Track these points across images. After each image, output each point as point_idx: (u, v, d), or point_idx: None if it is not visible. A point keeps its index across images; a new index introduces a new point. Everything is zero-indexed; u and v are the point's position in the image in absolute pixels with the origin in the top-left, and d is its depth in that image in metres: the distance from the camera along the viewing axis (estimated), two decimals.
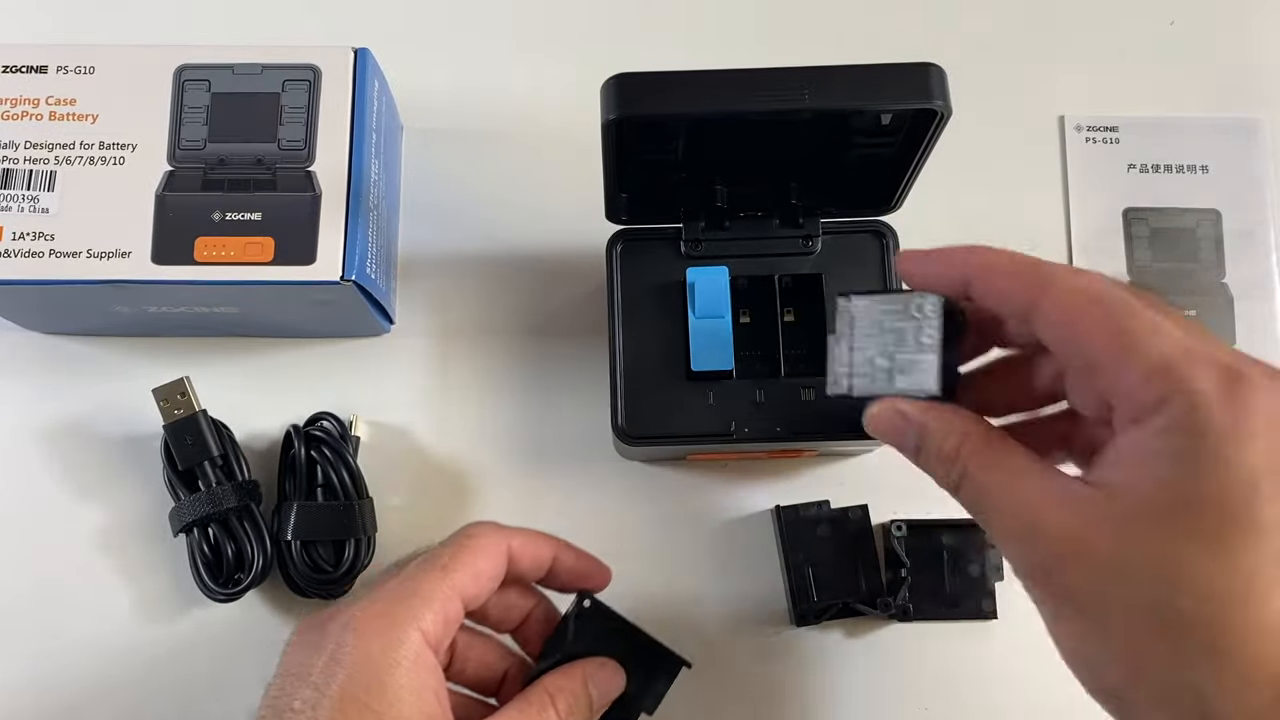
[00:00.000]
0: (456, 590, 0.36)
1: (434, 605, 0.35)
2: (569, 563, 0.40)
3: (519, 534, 0.39)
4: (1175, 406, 0.28)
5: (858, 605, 0.45)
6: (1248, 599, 0.27)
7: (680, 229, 0.44)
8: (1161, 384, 0.29)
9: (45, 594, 0.46)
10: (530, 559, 0.39)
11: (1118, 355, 0.30)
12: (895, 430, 0.35)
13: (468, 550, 0.37)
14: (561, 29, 0.53)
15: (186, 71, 0.43)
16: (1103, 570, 0.29)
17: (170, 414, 0.45)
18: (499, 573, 0.38)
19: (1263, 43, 0.54)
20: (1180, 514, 0.28)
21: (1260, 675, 0.28)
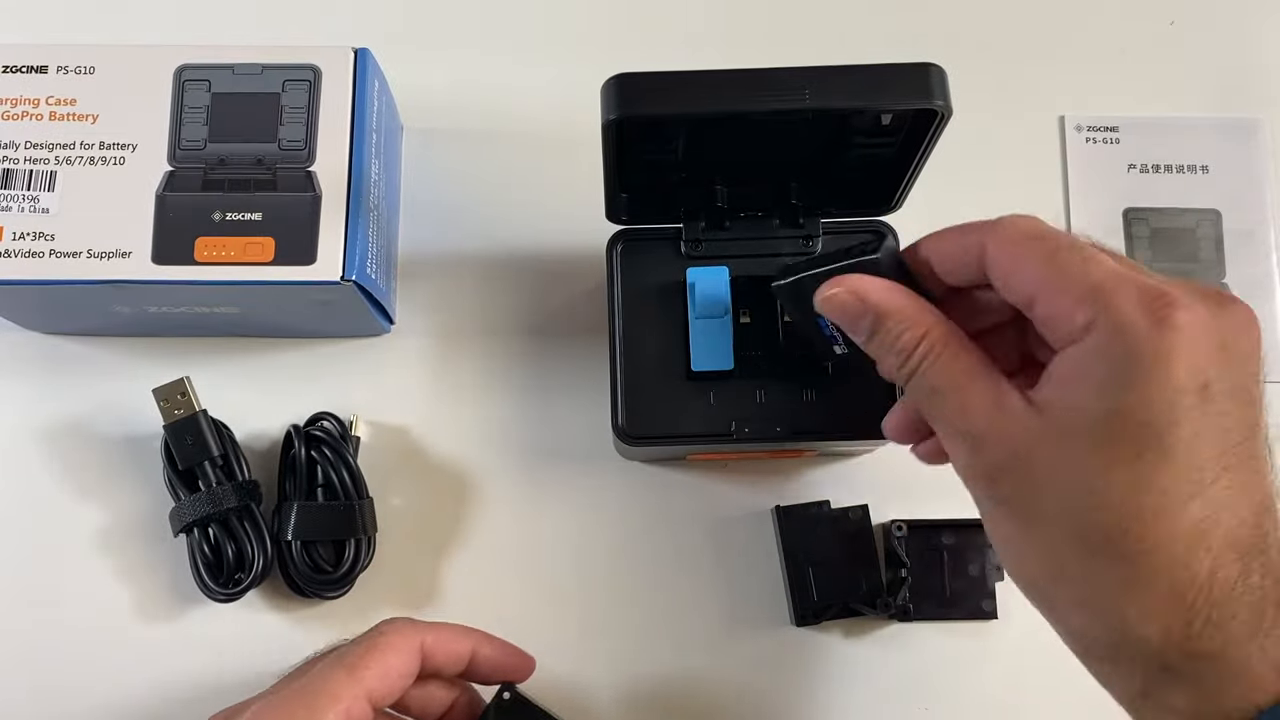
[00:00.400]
0: (364, 690, 0.35)
1: (339, 706, 0.35)
2: (489, 656, 0.40)
3: (433, 630, 0.38)
4: (1102, 329, 0.30)
5: (858, 605, 0.45)
6: (1159, 514, 0.29)
7: (680, 229, 0.44)
8: (1090, 307, 0.30)
9: (45, 594, 0.46)
10: (446, 654, 0.39)
11: (1052, 283, 0.31)
12: (852, 312, 0.35)
13: (377, 649, 0.37)
14: (561, 29, 0.53)
15: (186, 71, 0.43)
16: (1035, 482, 0.31)
17: (170, 414, 0.45)
18: (411, 670, 0.37)
19: (1263, 43, 0.54)
20: (1105, 432, 0.30)
21: (1164, 584, 0.29)
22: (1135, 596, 0.30)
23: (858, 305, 0.34)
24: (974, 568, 0.46)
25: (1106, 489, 0.29)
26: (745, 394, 0.43)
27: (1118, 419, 0.29)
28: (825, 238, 0.44)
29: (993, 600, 0.46)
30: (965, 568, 0.46)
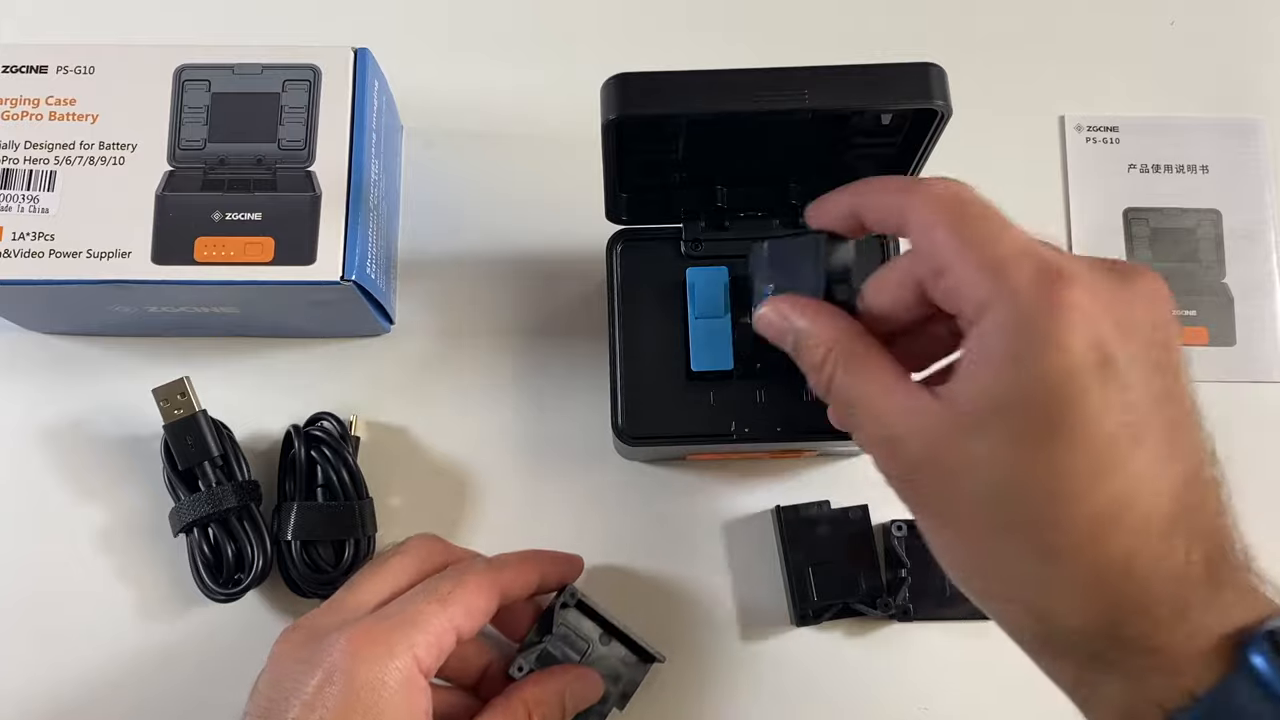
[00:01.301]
0: (453, 623, 0.37)
1: (430, 635, 0.36)
2: (550, 574, 0.43)
3: (508, 569, 0.41)
4: (997, 308, 0.29)
5: (858, 605, 0.45)
6: (1069, 499, 0.28)
7: (680, 229, 0.44)
8: (989, 284, 0.29)
9: (45, 594, 0.46)
10: (520, 587, 0.41)
11: (958, 254, 0.30)
12: (777, 331, 0.36)
13: (465, 587, 0.38)
14: (561, 29, 0.53)
15: (186, 71, 0.43)
16: (948, 478, 0.30)
17: (170, 414, 0.45)
18: (491, 609, 0.39)
19: (1263, 43, 0.54)
20: (1006, 418, 0.29)
21: (1082, 571, 0.29)
22: (1056, 587, 0.29)
23: (782, 323, 0.35)
24: None
25: (1014, 477, 0.29)
26: (745, 394, 0.43)
27: (1017, 402, 0.28)
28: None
29: None
30: None
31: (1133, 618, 0.28)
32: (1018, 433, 0.29)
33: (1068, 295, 0.28)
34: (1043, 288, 0.28)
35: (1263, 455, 0.49)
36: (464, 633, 0.38)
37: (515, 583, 0.41)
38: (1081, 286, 0.28)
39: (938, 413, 0.30)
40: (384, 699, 0.35)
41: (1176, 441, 0.29)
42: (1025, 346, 0.28)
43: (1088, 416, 0.28)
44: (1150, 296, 0.30)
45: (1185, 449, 0.29)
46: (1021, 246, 0.29)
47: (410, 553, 0.42)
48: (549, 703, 0.40)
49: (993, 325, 0.29)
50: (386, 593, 0.40)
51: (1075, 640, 0.29)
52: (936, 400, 0.31)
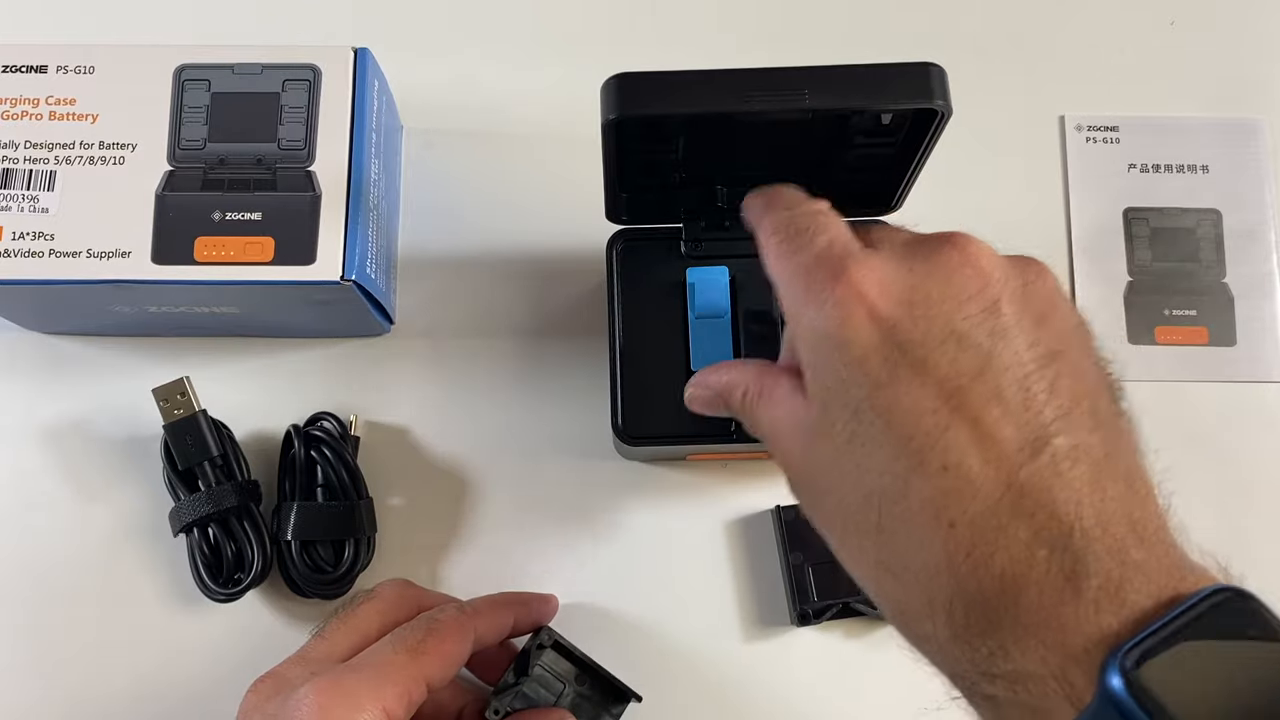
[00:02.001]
0: (423, 673, 0.37)
1: (400, 686, 0.36)
2: (524, 617, 0.43)
3: (482, 616, 0.40)
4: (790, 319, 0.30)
5: (858, 605, 0.45)
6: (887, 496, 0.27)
7: (680, 229, 0.44)
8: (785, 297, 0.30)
9: (46, 594, 0.46)
10: (495, 633, 0.41)
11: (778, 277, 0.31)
12: (705, 402, 0.37)
13: (436, 635, 0.38)
14: (561, 29, 0.53)
15: (186, 71, 0.43)
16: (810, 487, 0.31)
17: (170, 414, 0.45)
18: (464, 656, 0.39)
19: (1263, 43, 0.54)
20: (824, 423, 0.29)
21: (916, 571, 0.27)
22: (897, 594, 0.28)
23: (708, 394, 0.36)
24: None
25: (841, 483, 0.28)
26: None
27: (827, 407, 0.28)
28: None
29: None
30: None
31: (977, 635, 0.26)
32: (835, 438, 0.28)
33: (840, 291, 0.28)
34: (819, 288, 0.29)
35: (1263, 455, 0.49)
36: (435, 682, 0.37)
37: (488, 629, 0.40)
38: (857, 277, 0.28)
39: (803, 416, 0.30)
40: None
41: (1006, 416, 0.26)
42: (816, 352, 0.29)
43: (883, 407, 0.27)
44: (951, 263, 0.28)
45: (1020, 422, 0.26)
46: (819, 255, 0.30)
47: (381, 599, 0.41)
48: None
49: (791, 335, 0.30)
50: (357, 641, 0.39)
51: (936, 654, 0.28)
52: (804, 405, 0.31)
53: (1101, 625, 0.24)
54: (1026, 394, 0.26)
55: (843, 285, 0.28)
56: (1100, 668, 0.23)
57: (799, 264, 0.30)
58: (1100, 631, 0.24)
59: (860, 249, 0.30)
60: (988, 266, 0.28)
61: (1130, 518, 0.25)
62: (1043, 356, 0.27)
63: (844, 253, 0.29)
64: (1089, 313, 0.50)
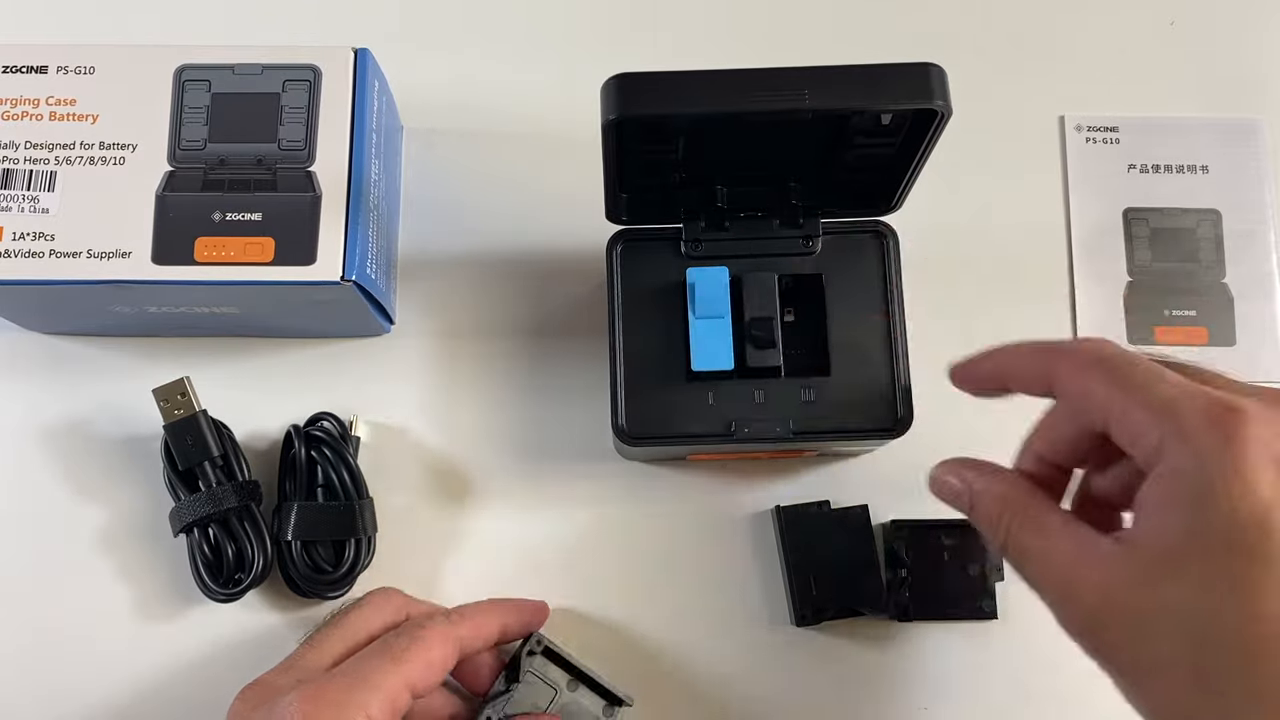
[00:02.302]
0: (407, 681, 0.37)
1: (383, 694, 0.36)
2: (513, 624, 0.43)
3: (466, 624, 0.41)
4: (1173, 450, 0.29)
5: (858, 605, 0.45)
6: (1271, 639, 0.27)
7: (680, 229, 0.44)
8: (1161, 425, 0.29)
9: (45, 594, 0.46)
10: (482, 640, 0.42)
11: (1123, 402, 0.30)
12: (952, 494, 0.37)
13: (420, 642, 0.39)
14: (562, 29, 0.53)
15: (187, 71, 0.43)
16: (1134, 628, 0.29)
17: (170, 414, 0.45)
18: (449, 664, 0.39)
19: (1263, 43, 0.54)
20: (1195, 562, 0.28)
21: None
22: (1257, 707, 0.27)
23: (959, 486, 0.36)
24: (974, 568, 0.46)
25: (1212, 623, 0.27)
26: (745, 394, 0.43)
27: (1207, 545, 0.28)
28: (825, 238, 0.44)
29: (993, 600, 0.46)
30: (965, 568, 0.46)
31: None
32: (1210, 576, 0.28)
33: (1244, 430, 0.28)
34: (1216, 424, 0.28)
35: None
36: (420, 689, 0.38)
37: (474, 635, 0.41)
38: (1256, 420, 0.28)
39: (1121, 559, 0.30)
40: None
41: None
42: (1209, 486, 0.28)
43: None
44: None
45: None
46: (1184, 387, 0.29)
47: (369, 607, 0.42)
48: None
49: (1172, 467, 0.29)
50: (343, 650, 0.40)
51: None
52: (1118, 545, 0.30)
53: None
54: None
55: (1251, 425, 0.28)
56: None
57: (1168, 394, 0.29)
58: None
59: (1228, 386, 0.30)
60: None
61: None
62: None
63: (1220, 391, 0.29)
64: (1089, 313, 0.50)
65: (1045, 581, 0.32)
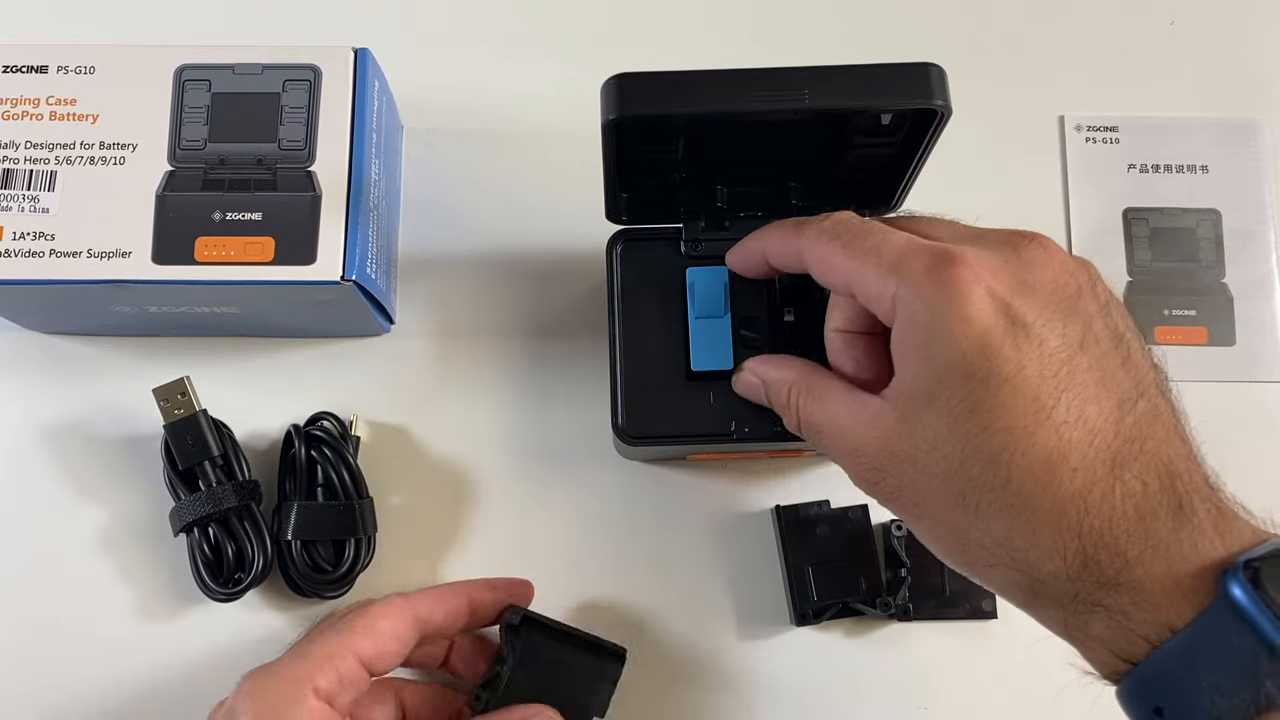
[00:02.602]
0: (354, 650, 0.38)
1: (328, 667, 0.37)
2: (487, 600, 0.42)
3: (424, 599, 0.41)
4: (904, 303, 0.32)
5: (858, 605, 0.45)
6: (1011, 453, 0.30)
7: (680, 229, 0.44)
8: (890, 283, 0.32)
9: (46, 594, 0.46)
10: (444, 615, 0.41)
11: (858, 270, 0.34)
12: (751, 388, 0.40)
13: (367, 615, 0.39)
14: (561, 29, 0.53)
15: (187, 71, 0.43)
16: (906, 469, 0.32)
17: (170, 414, 0.45)
18: (404, 636, 0.39)
19: (1263, 43, 0.54)
20: (939, 397, 0.31)
21: (1043, 518, 0.30)
22: (1025, 539, 0.30)
23: (754, 379, 0.39)
24: None
25: (961, 449, 0.31)
26: None
27: (943, 381, 0.31)
28: None
29: (993, 600, 0.46)
30: None
31: (1103, 554, 0.29)
32: (950, 408, 0.31)
33: (959, 272, 0.31)
34: (935, 272, 0.31)
35: (1263, 455, 0.49)
36: (370, 657, 0.38)
37: (434, 609, 0.41)
38: (971, 263, 0.31)
39: (886, 411, 0.33)
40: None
41: (1106, 380, 0.31)
42: (935, 329, 0.31)
43: (1007, 374, 0.30)
44: (1041, 258, 0.32)
45: (1116, 385, 0.31)
46: (909, 244, 0.33)
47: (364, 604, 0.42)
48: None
49: (906, 318, 0.32)
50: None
51: (1057, 586, 0.30)
52: (881, 401, 0.33)
53: (1211, 548, 0.29)
54: (1114, 364, 0.31)
55: (962, 268, 0.31)
56: (1218, 580, 0.28)
57: (893, 255, 0.33)
58: (1213, 553, 0.29)
59: (957, 236, 0.34)
60: (1067, 262, 0.33)
61: (1204, 471, 0.31)
62: (1116, 336, 0.32)
63: (945, 243, 0.33)
64: None
65: (834, 448, 0.35)
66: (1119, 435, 0.30)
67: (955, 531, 0.32)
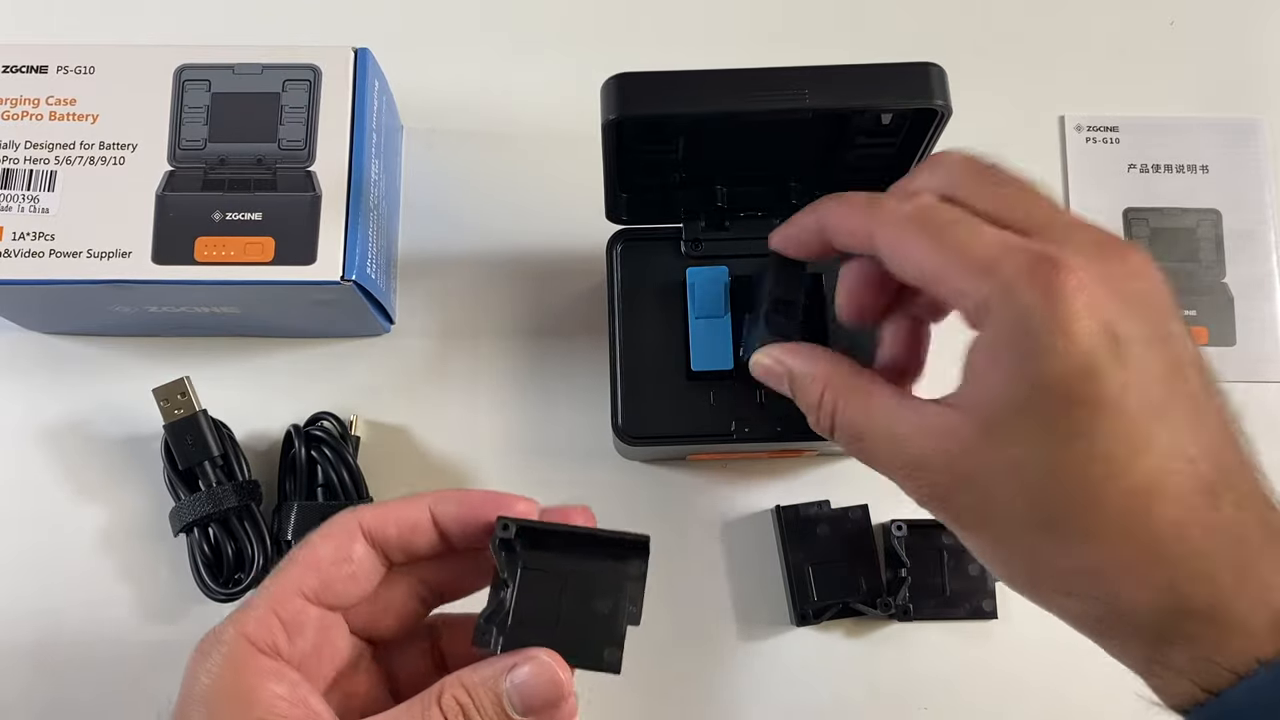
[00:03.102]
0: (293, 583, 0.32)
1: (263, 608, 0.31)
2: (447, 510, 0.33)
3: (372, 509, 0.34)
4: (997, 309, 0.29)
5: (858, 605, 0.45)
6: (1109, 481, 0.28)
7: (680, 229, 0.44)
8: (983, 285, 0.29)
9: (46, 594, 0.46)
10: (399, 526, 0.33)
11: (944, 266, 0.30)
12: (772, 375, 0.37)
13: (306, 544, 0.33)
14: (561, 29, 0.53)
15: (187, 71, 0.43)
16: (980, 488, 0.30)
17: (170, 414, 0.45)
18: (347, 550, 0.33)
19: (1263, 43, 0.54)
20: (1030, 416, 0.29)
21: (1135, 550, 0.28)
22: (1114, 571, 0.29)
23: (779, 368, 0.36)
24: (974, 567, 0.46)
25: (1049, 472, 0.29)
26: (745, 394, 0.43)
27: (1038, 399, 0.28)
28: None
29: (993, 600, 0.46)
30: (965, 568, 0.46)
31: (1196, 586, 0.28)
32: (1044, 428, 0.28)
33: (1064, 281, 0.28)
34: (1038, 278, 0.28)
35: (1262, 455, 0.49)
36: (314, 589, 0.32)
37: (385, 520, 0.33)
38: (1077, 271, 0.28)
39: (957, 424, 0.30)
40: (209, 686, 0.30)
41: (1199, 408, 0.29)
42: (1035, 341, 0.28)
43: (1109, 398, 0.28)
44: (1142, 270, 0.30)
45: (1209, 413, 0.29)
46: (1004, 242, 0.29)
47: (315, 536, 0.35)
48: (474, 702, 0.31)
49: (997, 325, 0.29)
50: None
51: (1141, 619, 0.29)
52: (952, 411, 0.30)
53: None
54: (1202, 389, 0.29)
55: (1066, 275, 0.28)
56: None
57: (986, 253, 0.29)
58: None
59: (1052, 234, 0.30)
60: (1160, 277, 0.30)
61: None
62: (1198, 360, 0.30)
63: (1043, 243, 0.29)
64: None
65: (882, 457, 0.32)
66: (1215, 466, 0.28)
67: (1029, 556, 0.30)
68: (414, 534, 0.33)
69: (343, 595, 0.33)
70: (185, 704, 0.31)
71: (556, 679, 0.31)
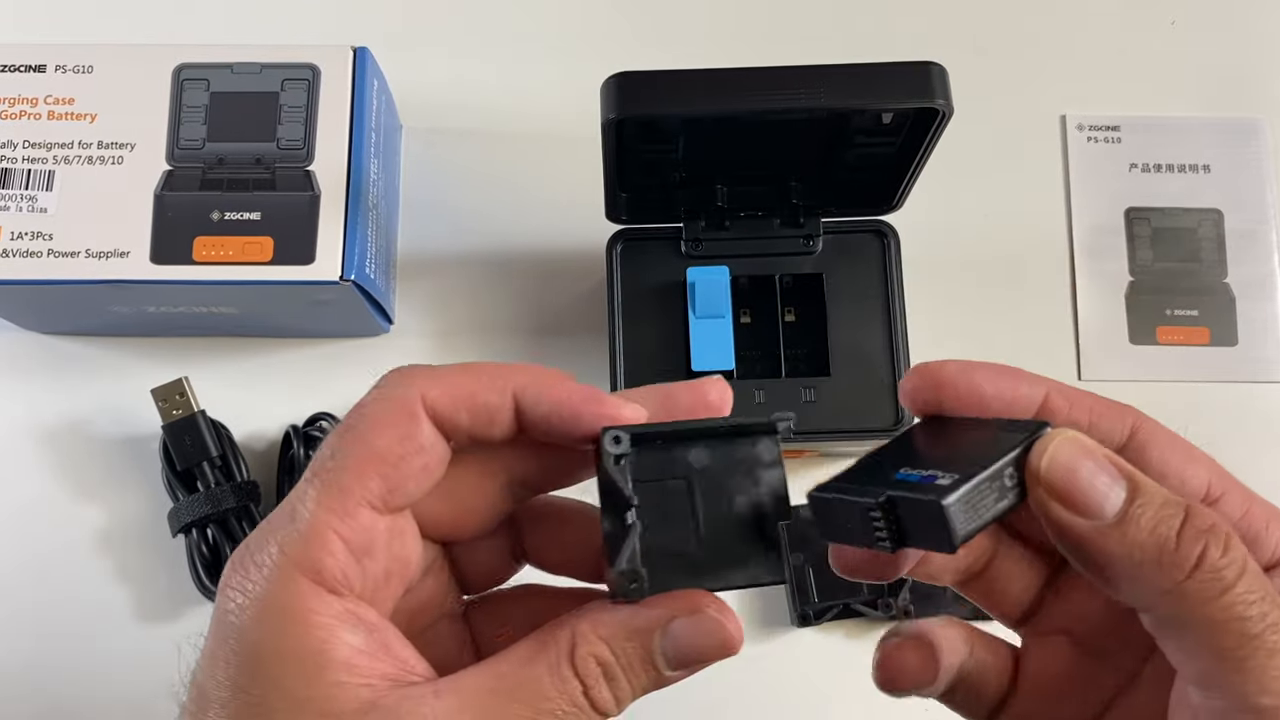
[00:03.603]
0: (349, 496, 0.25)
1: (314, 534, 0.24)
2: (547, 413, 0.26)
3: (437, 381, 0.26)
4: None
5: (858, 606, 0.45)
6: None
7: (680, 229, 0.44)
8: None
9: (45, 594, 0.46)
10: (471, 413, 0.26)
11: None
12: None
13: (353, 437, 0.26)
14: (561, 29, 0.53)
15: (185, 71, 0.43)
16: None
17: (169, 414, 0.45)
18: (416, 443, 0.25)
19: (1263, 43, 0.54)
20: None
21: None
22: None
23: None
24: None
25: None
26: (745, 394, 0.43)
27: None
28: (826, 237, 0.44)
29: None
30: None
31: None
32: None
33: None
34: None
35: (1264, 455, 0.49)
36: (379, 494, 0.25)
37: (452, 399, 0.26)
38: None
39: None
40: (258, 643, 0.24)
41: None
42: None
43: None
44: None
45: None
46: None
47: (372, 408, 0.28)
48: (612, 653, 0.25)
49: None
50: None
51: None
52: None
53: None
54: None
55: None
56: None
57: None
58: None
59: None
60: None
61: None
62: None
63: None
64: (1090, 313, 0.50)
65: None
66: None
67: None
68: (490, 425, 0.26)
69: (414, 492, 0.26)
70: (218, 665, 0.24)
71: (724, 635, 0.25)
